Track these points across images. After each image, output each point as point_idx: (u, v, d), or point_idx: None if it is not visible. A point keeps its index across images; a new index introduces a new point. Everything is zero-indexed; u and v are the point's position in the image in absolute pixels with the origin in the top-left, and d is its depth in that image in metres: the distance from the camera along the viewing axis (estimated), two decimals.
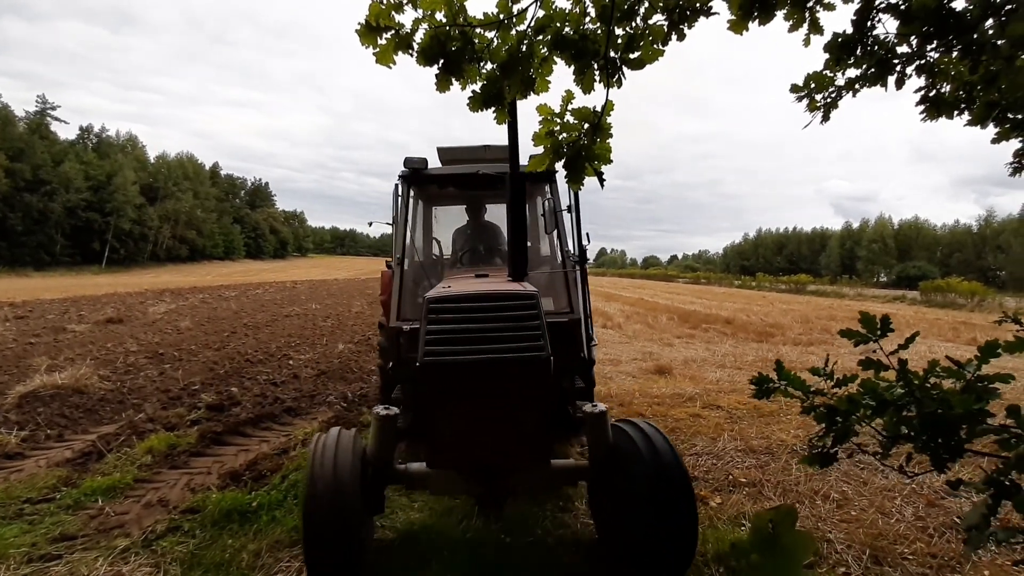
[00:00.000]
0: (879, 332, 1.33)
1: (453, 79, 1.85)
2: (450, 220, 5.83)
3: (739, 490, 4.00)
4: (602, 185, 2.02)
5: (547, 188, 4.71)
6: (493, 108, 1.91)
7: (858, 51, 1.94)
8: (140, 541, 3.12)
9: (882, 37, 1.91)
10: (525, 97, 1.89)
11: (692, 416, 5.89)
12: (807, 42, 2.14)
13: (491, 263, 5.06)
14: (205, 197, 75.07)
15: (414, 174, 4.43)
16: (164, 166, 69.45)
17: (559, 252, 4.63)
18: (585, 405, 2.91)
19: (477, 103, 1.89)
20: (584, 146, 1.95)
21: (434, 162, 4.74)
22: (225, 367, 7.87)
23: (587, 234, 4.15)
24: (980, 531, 1.00)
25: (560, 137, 1.96)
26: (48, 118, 57.85)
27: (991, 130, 2.23)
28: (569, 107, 1.98)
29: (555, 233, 4.50)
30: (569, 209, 4.42)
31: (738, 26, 2.07)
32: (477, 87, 1.88)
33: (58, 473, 3.99)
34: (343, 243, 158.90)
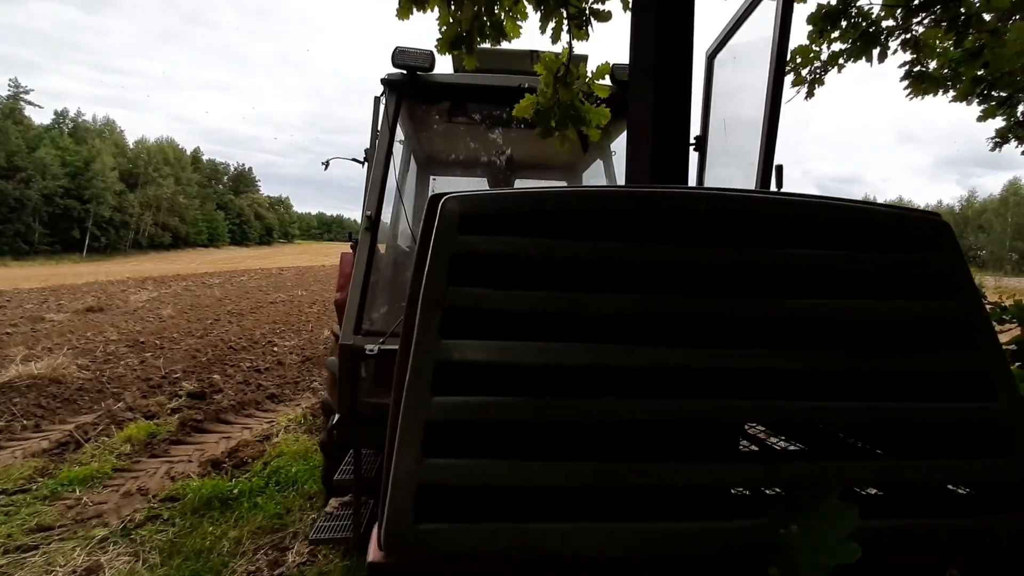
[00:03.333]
0: None
1: (415, 8, 1.74)
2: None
3: None
4: (584, 149, 1.91)
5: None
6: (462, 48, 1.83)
7: (842, 23, 1.89)
8: (119, 530, 3.08)
9: (866, 8, 1.87)
10: (497, 43, 1.80)
11: None
12: None
13: None
14: (187, 183, 73.63)
15: (411, 81, 2.66)
16: (144, 151, 67.91)
17: None
18: None
19: (444, 46, 1.79)
20: (558, 101, 1.85)
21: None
22: (208, 355, 7.76)
23: (779, 168, 2.07)
24: None
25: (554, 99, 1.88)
26: (22, 102, 56.18)
27: (975, 110, 2.22)
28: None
29: None
30: (698, 146, 2.66)
31: None
32: (443, 30, 1.81)
33: (34, 464, 3.92)
34: (330, 229, 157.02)
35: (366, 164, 2.83)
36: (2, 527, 3.09)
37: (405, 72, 2.64)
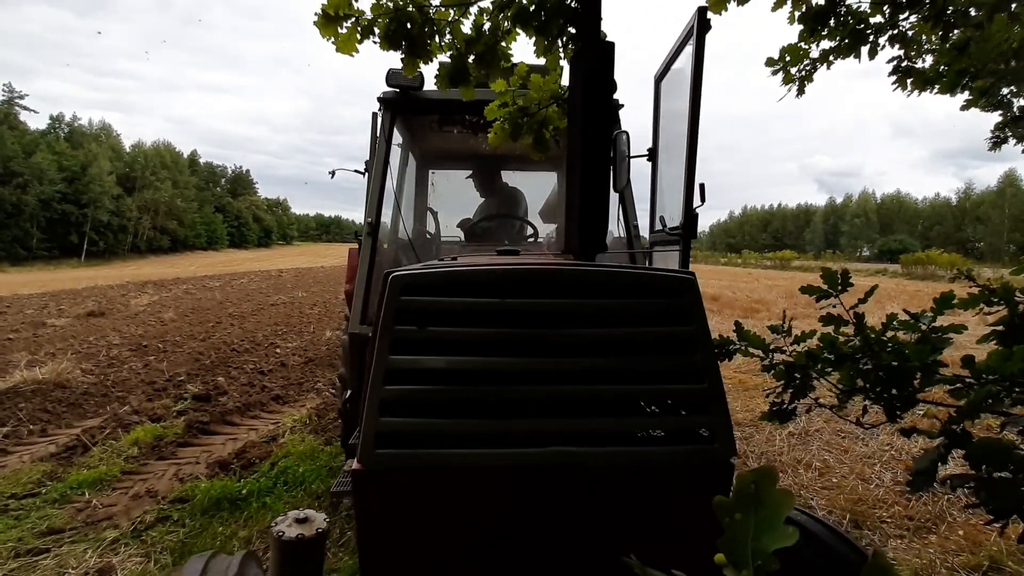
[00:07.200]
0: (840, 287, 1.35)
1: (420, 61, 1.81)
2: (453, 188, 4.44)
3: None
4: (558, 144, 2.04)
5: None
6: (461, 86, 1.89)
7: (832, 22, 1.94)
8: (129, 532, 3.12)
9: (855, 7, 1.91)
10: (488, 72, 1.87)
11: None
12: (792, 19, 2.13)
13: (518, 243, 3.90)
14: (185, 186, 73.48)
15: (403, 97, 3.05)
16: (141, 155, 67.77)
17: (624, 226, 3.26)
18: (716, 498, 0.91)
19: (443, 81, 1.86)
20: (547, 119, 1.97)
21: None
22: (211, 357, 7.80)
23: (702, 186, 2.19)
24: (927, 476, 1.04)
25: (517, 108, 1.98)
26: (17, 107, 56.11)
27: (965, 99, 2.26)
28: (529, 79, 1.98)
29: (621, 195, 3.13)
30: (650, 156, 3.01)
31: (718, 6, 2.07)
32: (444, 58, 1.85)
33: (42, 468, 3.95)
34: (328, 230, 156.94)
35: (367, 174, 3.19)
36: (13, 531, 3.12)
37: (398, 90, 3.02)
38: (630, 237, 3.19)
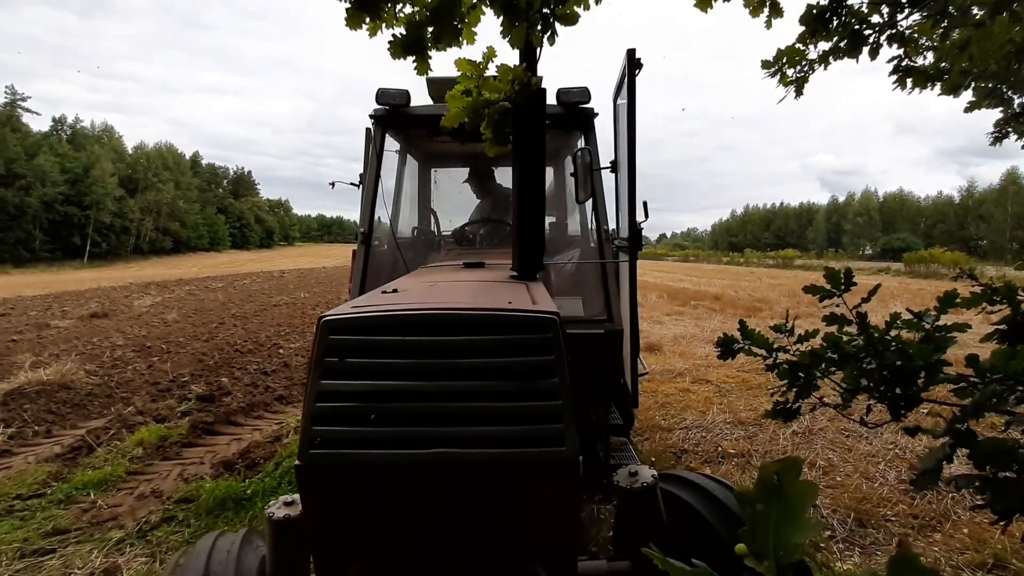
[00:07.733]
0: (843, 287, 1.35)
1: (368, 18, 1.68)
2: (455, 186, 4.69)
3: (728, 461, 4.09)
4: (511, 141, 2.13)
5: (579, 138, 3.51)
6: (414, 57, 1.77)
7: (833, 23, 1.94)
8: (134, 532, 3.13)
9: (856, 7, 1.91)
10: (447, 48, 1.76)
11: (682, 391, 5.98)
12: (768, 25, 2.13)
13: (507, 245, 4.05)
14: (187, 187, 73.61)
15: (391, 114, 3.35)
16: (143, 156, 67.89)
17: (595, 230, 3.50)
18: (621, 471, 1.76)
19: (397, 50, 1.74)
20: (511, 110, 1.97)
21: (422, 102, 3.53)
22: (214, 358, 7.82)
23: (644, 204, 2.67)
24: (932, 475, 1.04)
25: (481, 98, 1.96)
26: (19, 110, 56.26)
27: (969, 100, 2.26)
28: (492, 63, 1.92)
29: (590, 203, 3.33)
30: (613, 168, 3.30)
31: (703, 4, 2.07)
32: (397, 31, 1.73)
33: (48, 468, 3.97)
34: (330, 230, 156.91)
35: (361, 186, 3.44)
36: (18, 531, 3.14)
37: (388, 108, 3.31)
38: (600, 244, 3.39)
